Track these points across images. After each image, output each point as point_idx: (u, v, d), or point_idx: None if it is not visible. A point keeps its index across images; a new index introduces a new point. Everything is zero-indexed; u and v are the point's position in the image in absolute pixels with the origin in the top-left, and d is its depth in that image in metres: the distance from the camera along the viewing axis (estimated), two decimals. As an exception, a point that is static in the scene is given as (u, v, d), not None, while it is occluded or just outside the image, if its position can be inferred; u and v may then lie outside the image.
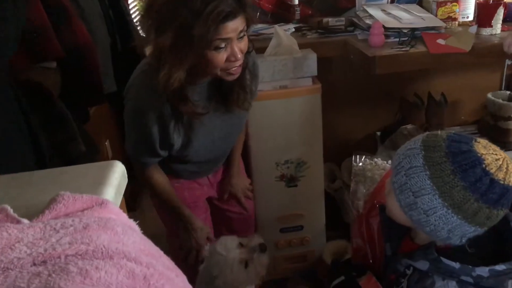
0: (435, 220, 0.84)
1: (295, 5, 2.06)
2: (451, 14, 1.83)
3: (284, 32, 1.74)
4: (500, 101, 1.86)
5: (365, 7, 1.94)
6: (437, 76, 2.08)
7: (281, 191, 1.82)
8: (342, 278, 1.12)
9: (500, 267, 0.84)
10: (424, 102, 2.00)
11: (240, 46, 1.04)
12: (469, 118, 2.19)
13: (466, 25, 1.85)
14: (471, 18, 1.88)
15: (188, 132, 1.19)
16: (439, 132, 0.90)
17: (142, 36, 1.81)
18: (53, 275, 0.40)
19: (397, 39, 1.72)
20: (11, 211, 0.48)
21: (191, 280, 1.44)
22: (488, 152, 0.81)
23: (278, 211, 1.85)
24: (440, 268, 0.87)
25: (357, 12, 1.98)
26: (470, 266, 0.85)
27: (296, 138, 1.75)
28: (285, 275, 1.94)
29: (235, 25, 0.99)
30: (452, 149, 0.83)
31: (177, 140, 1.19)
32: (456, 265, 0.86)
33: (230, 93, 1.19)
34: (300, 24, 2.04)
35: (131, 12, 2.16)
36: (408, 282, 0.93)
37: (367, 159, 1.82)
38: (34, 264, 0.41)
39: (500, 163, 0.80)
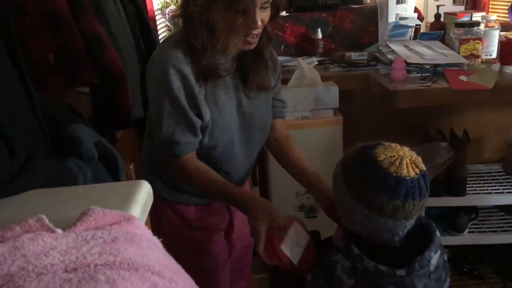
0: (359, 219, 0.95)
1: (319, 39, 2.12)
2: (474, 52, 1.84)
3: (307, 65, 1.79)
4: (525, 139, 1.84)
5: (387, 42, 1.98)
6: (460, 112, 2.08)
7: (300, 221, 1.82)
8: None
9: (382, 267, 0.92)
10: (446, 138, 2.00)
11: (262, 16, 1.08)
12: (493, 156, 2.16)
13: (489, 63, 1.86)
14: (494, 55, 1.89)
15: (212, 102, 1.16)
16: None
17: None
18: (83, 282, 0.42)
19: (419, 75, 1.74)
20: (46, 221, 0.51)
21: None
22: (384, 152, 0.93)
23: (297, 241, 1.84)
24: (346, 249, 0.97)
25: (380, 48, 2.02)
26: (365, 257, 0.94)
27: (317, 168, 1.76)
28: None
29: None
30: (357, 153, 0.97)
31: (204, 106, 1.14)
32: (356, 251, 0.95)
33: (252, 64, 1.20)
34: (323, 58, 2.09)
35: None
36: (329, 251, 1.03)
37: None
38: (66, 271, 0.44)
39: (394, 159, 0.92)
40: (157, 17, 2.70)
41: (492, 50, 1.89)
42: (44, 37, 1.29)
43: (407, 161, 0.92)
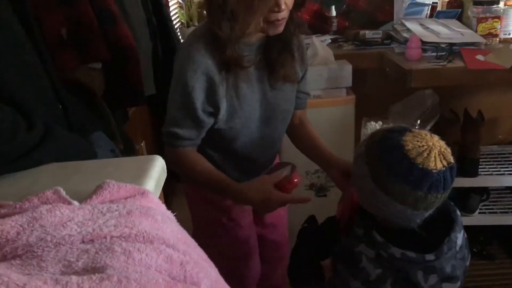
0: (377, 203, 0.92)
1: (333, 16, 2.08)
2: (492, 31, 1.80)
3: (320, 43, 1.77)
4: (541, 120, 1.81)
5: (403, 20, 1.94)
6: (475, 92, 2.05)
7: (310, 200, 1.82)
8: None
9: (411, 254, 0.90)
10: (460, 119, 1.97)
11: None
12: (507, 137, 2.14)
13: (507, 42, 1.82)
14: (513, 35, 1.84)
15: (233, 95, 1.14)
16: (388, 125, 0.99)
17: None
18: (100, 253, 0.43)
19: (435, 54, 1.71)
20: (63, 193, 0.52)
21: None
22: (413, 140, 0.88)
23: (306, 220, 1.85)
24: (368, 237, 0.95)
25: (395, 26, 1.99)
26: (390, 244, 0.92)
27: (328, 147, 1.76)
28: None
29: None
30: (384, 137, 0.93)
31: (223, 101, 1.13)
32: (380, 238, 0.93)
33: (278, 55, 1.16)
34: (337, 36, 2.05)
35: (172, 18, 2.24)
36: (345, 238, 1.03)
37: (380, 122, 1.74)
38: (83, 242, 0.45)
39: (423, 149, 0.87)
40: (168, -7, 2.67)
41: (511, 29, 1.84)
42: (57, 12, 1.28)
43: (435, 152, 0.87)
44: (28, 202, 0.50)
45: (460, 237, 0.95)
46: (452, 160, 0.89)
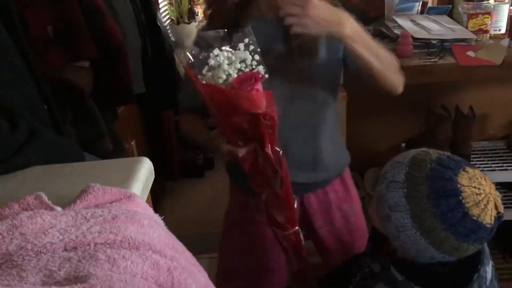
0: (404, 238, 0.84)
1: (324, 13, 2.06)
2: (482, 27, 1.80)
3: (311, 40, 1.75)
4: (531, 116, 1.82)
5: (394, 17, 1.93)
6: (466, 88, 2.05)
7: (302, 198, 1.81)
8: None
9: None
10: (451, 115, 1.97)
11: None
12: (498, 133, 2.14)
13: (498, 38, 1.82)
14: (503, 31, 1.84)
15: None
16: (431, 151, 0.87)
17: (171, 39, 1.85)
18: (83, 261, 0.42)
19: (426, 50, 1.70)
20: (45, 198, 0.50)
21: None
22: (470, 184, 0.79)
23: (299, 218, 1.85)
24: (386, 274, 0.88)
25: (386, 22, 1.98)
26: (412, 283, 0.84)
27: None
28: (305, 285, 1.93)
29: None
30: (434, 173, 0.81)
31: None
32: (400, 277, 0.85)
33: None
34: (328, 32, 2.04)
35: (163, 15, 2.21)
36: (361, 275, 0.96)
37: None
38: (66, 250, 0.43)
39: (480, 198, 0.78)
40: (158, -10, 2.64)
41: (501, 25, 1.84)
42: (42, 9, 1.26)
43: (493, 204, 0.79)
44: (8, 209, 0.48)
45: (489, 271, 0.88)
46: (502, 209, 0.82)
